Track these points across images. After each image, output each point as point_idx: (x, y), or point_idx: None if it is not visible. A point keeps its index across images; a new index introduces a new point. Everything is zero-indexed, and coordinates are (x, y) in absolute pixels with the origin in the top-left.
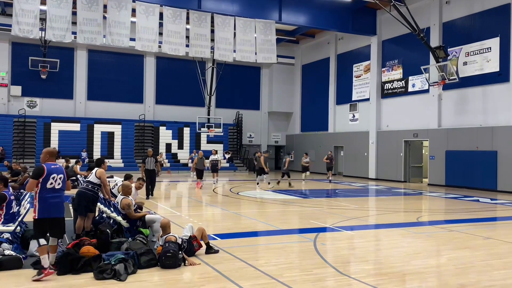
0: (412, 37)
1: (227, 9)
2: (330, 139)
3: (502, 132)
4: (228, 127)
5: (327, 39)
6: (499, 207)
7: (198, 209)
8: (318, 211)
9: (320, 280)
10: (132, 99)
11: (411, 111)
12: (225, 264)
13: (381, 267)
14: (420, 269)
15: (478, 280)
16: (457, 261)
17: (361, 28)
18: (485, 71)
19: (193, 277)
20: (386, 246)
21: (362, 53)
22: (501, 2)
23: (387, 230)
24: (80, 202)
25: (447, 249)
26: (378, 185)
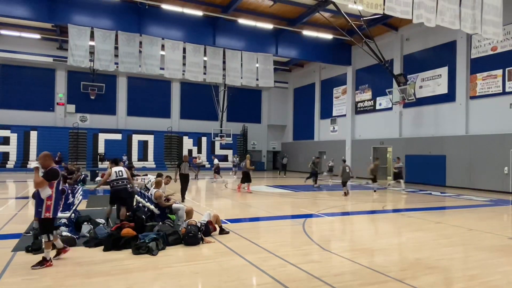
0: (379, 66)
1: (236, 45)
2: (316, 146)
3: (449, 140)
4: (236, 136)
5: (313, 68)
6: (447, 199)
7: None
8: (306, 201)
9: (307, 254)
10: (161, 115)
11: (378, 124)
12: (234, 242)
13: (354, 245)
14: (385, 246)
15: (430, 255)
16: (414, 240)
17: (339, 59)
18: (436, 93)
19: (209, 252)
20: (358, 228)
21: (340, 79)
22: (449, 39)
23: (359, 216)
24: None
25: (406, 231)
26: (353, 182)
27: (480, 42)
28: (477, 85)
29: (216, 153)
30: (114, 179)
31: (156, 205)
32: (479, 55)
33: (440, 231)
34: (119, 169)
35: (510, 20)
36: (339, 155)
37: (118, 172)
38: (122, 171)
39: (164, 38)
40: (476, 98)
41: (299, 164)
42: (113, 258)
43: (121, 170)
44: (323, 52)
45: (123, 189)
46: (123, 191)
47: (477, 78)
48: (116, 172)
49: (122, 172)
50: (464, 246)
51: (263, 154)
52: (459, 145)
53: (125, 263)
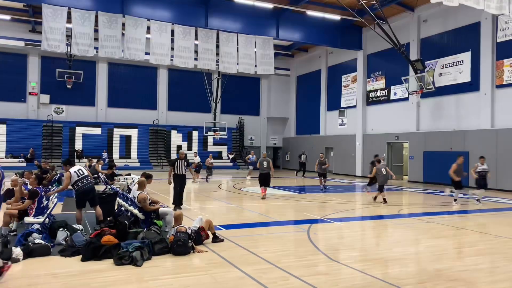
0: (393, 51)
1: (231, 27)
2: (322, 141)
3: (473, 135)
4: (232, 130)
5: (319, 53)
6: (470, 201)
7: (205, 203)
8: (311, 204)
9: (313, 266)
10: (147, 106)
11: (392, 116)
12: (229, 251)
13: (366, 254)
14: (401, 256)
15: (452, 265)
16: (434, 248)
17: (349, 43)
18: (458, 81)
19: (201, 262)
20: (370, 236)
21: (350, 66)
22: (472, 20)
23: (371, 221)
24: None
25: (425, 238)
26: (364, 181)
27: (507, 24)
28: (504, 72)
29: (209, 150)
30: (76, 180)
31: (141, 209)
32: (507, 38)
33: (462, 238)
34: (77, 168)
35: None
36: (348, 151)
37: (79, 171)
38: (82, 169)
39: (150, 19)
40: (503, 87)
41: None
42: (92, 269)
43: (80, 168)
44: (330, 35)
45: (91, 189)
46: (92, 190)
47: (504, 64)
48: (76, 171)
49: (82, 170)
50: (491, 256)
51: (262, 150)
52: (484, 140)
53: (105, 275)
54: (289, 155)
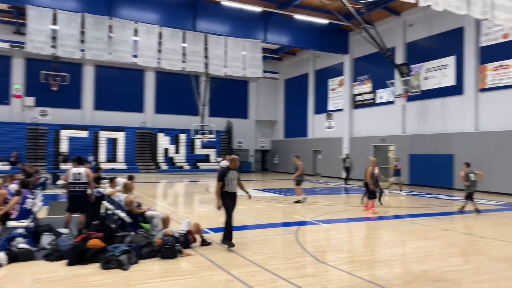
0: (380, 55)
1: (219, 30)
2: (310, 144)
3: (458, 138)
4: (220, 133)
5: (306, 57)
6: (455, 203)
7: (193, 207)
8: (299, 207)
9: (301, 268)
10: (134, 109)
11: (379, 120)
12: (217, 254)
13: (354, 256)
14: (387, 257)
15: (437, 266)
16: (420, 250)
17: (336, 47)
18: (443, 85)
19: (189, 266)
20: (358, 237)
21: (337, 69)
22: (456, 25)
23: (358, 223)
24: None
25: (411, 240)
26: (350, 184)
27: (490, 29)
28: (487, 76)
29: (197, 153)
30: (70, 183)
31: (128, 212)
32: (490, 43)
33: (448, 239)
34: (78, 170)
35: None
36: (335, 154)
37: (77, 175)
38: (81, 173)
39: (138, 22)
40: (486, 90)
41: (291, 164)
42: (78, 273)
43: (80, 172)
44: (318, 39)
45: (80, 196)
46: (80, 198)
47: (487, 68)
48: (75, 174)
49: (81, 174)
50: (475, 256)
51: (251, 153)
52: (468, 143)
53: (92, 279)
54: (278, 158)
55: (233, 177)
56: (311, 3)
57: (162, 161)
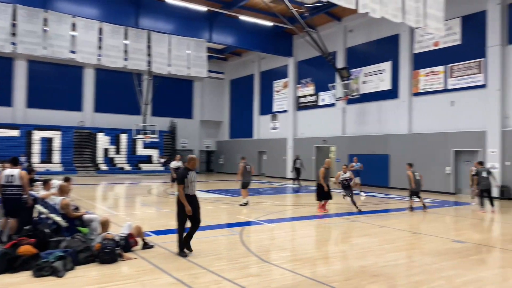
0: (322, 59)
1: (163, 28)
2: (255, 144)
3: (393, 139)
4: (163, 134)
5: (252, 58)
6: (391, 201)
7: (134, 209)
8: (244, 207)
9: (245, 268)
10: (71, 107)
11: (321, 121)
12: (160, 257)
13: (296, 254)
14: (328, 254)
15: (375, 262)
16: (358, 246)
17: (280, 50)
18: (380, 89)
19: (130, 270)
20: (300, 236)
21: (281, 72)
22: (392, 32)
23: (301, 222)
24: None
25: (350, 237)
26: (295, 183)
27: (422, 37)
28: (419, 81)
29: (139, 153)
30: (2, 185)
31: (63, 216)
32: (422, 50)
33: (384, 236)
34: (11, 172)
35: (451, 15)
36: (280, 155)
37: (9, 177)
38: (15, 175)
39: (76, 16)
40: (419, 95)
41: (236, 165)
42: (7, 282)
43: (13, 174)
44: (263, 41)
45: (12, 199)
46: (12, 201)
47: (419, 74)
48: (7, 176)
49: (14, 176)
50: (408, 251)
51: (195, 154)
52: (402, 144)
53: None
54: (223, 159)
55: (193, 178)
56: (256, 5)
57: (102, 162)
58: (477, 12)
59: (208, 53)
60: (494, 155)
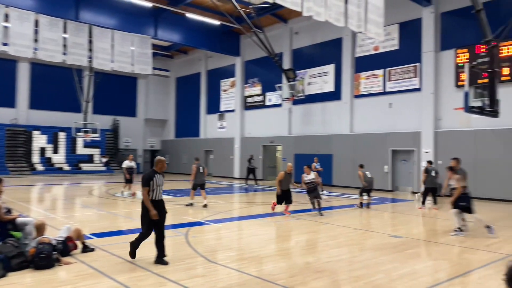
0: (269, 59)
1: (105, 22)
2: (202, 144)
3: (336, 139)
4: (105, 132)
5: (199, 56)
6: (334, 198)
7: (73, 211)
8: (190, 208)
9: (191, 269)
10: (3, 103)
11: (268, 121)
12: (101, 261)
13: (243, 253)
14: (274, 252)
15: (319, 258)
16: (303, 243)
17: (227, 49)
18: (324, 91)
19: (68, 275)
20: (247, 235)
21: (229, 71)
22: (336, 35)
23: (247, 221)
24: None
25: (296, 234)
26: (241, 183)
27: (363, 41)
28: (360, 84)
29: (79, 153)
30: None
31: None
32: (363, 54)
33: (328, 232)
34: None
35: (389, 21)
36: (227, 154)
37: None
38: None
39: (9, 6)
40: (360, 97)
41: (182, 165)
42: None
43: None
44: (210, 39)
45: None
46: None
47: (360, 77)
48: None
49: None
50: (350, 247)
51: (139, 153)
52: (345, 144)
53: None
54: (168, 158)
55: (160, 182)
56: (203, 3)
57: (38, 162)
58: (413, 19)
59: (153, 50)
60: (427, 155)
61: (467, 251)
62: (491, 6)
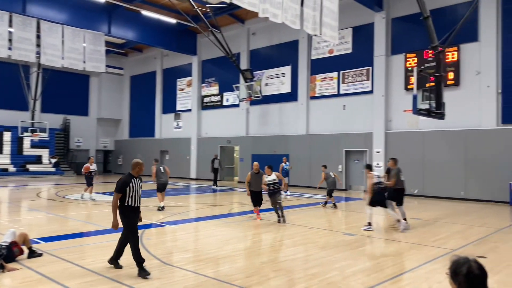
0: (226, 59)
1: (55, 17)
2: (157, 144)
3: (292, 140)
4: (55, 132)
5: (154, 55)
6: (290, 198)
7: (20, 214)
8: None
9: None
10: None
11: (225, 121)
12: (49, 266)
13: (199, 255)
14: (231, 253)
15: (275, 257)
16: (260, 243)
17: (184, 47)
18: (281, 92)
19: (13, 282)
20: (203, 236)
21: (185, 70)
22: (292, 38)
23: (204, 222)
24: None
25: (252, 234)
26: (198, 184)
27: (319, 44)
28: (316, 86)
29: (25, 153)
30: None
31: None
32: (318, 56)
33: (284, 232)
34: None
35: (343, 25)
36: (183, 154)
37: None
38: None
39: None
40: (316, 98)
41: None
42: None
43: None
44: (166, 37)
45: None
46: None
47: (316, 79)
48: None
49: None
50: (305, 245)
51: (91, 154)
52: (301, 144)
53: None
54: (122, 159)
55: (137, 187)
56: (158, 1)
57: None
58: (366, 24)
59: (107, 47)
60: (379, 155)
61: (415, 247)
62: (437, 14)
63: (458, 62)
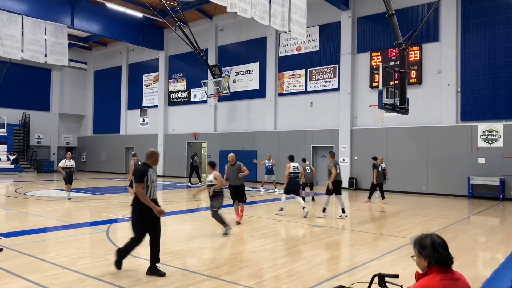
0: (194, 55)
1: (14, 7)
2: (122, 140)
3: (260, 136)
4: (13, 127)
5: (119, 49)
6: (257, 193)
7: None
8: (111, 205)
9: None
10: None
11: (193, 117)
12: (10, 261)
13: (167, 248)
14: (199, 246)
15: (244, 249)
16: (229, 236)
17: (150, 42)
18: (249, 88)
19: None
20: (171, 230)
21: (152, 65)
22: (260, 34)
23: (172, 216)
24: None
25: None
26: (165, 180)
27: (287, 41)
28: (284, 82)
29: None
30: None
31: None
32: (286, 53)
33: (253, 225)
34: None
35: (311, 23)
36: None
37: None
38: None
39: None
40: (283, 95)
41: (101, 163)
42: None
43: None
44: (131, 31)
45: None
46: None
47: (284, 76)
48: None
49: None
50: (274, 237)
51: (53, 150)
52: (269, 140)
53: None
54: (85, 156)
55: (154, 177)
56: None
57: None
58: (333, 22)
59: (70, 41)
60: (345, 151)
61: (381, 238)
62: (401, 14)
63: (420, 61)
